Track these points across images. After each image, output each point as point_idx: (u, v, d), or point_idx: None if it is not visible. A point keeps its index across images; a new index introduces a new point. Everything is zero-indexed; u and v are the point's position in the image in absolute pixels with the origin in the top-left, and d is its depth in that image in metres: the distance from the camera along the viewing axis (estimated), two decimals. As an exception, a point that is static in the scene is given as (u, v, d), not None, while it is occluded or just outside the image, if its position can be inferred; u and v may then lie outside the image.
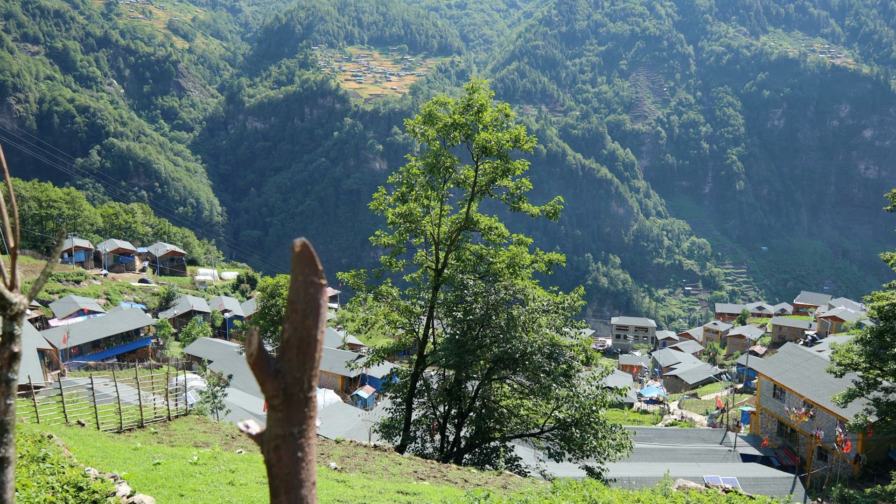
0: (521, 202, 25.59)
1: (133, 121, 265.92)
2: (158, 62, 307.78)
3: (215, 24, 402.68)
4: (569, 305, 24.61)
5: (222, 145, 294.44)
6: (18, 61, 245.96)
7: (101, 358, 67.84)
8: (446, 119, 24.44)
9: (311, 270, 1.10)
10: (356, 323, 30.08)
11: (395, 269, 28.69)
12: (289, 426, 1.08)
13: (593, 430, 22.06)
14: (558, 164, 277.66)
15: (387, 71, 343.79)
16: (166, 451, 12.98)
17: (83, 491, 6.63)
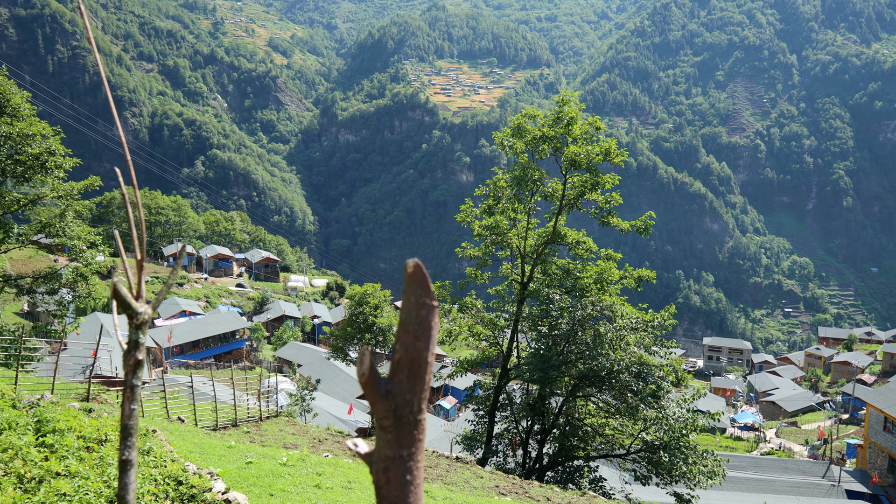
0: (611, 217, 25.05)
1: (234, 133, 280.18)
2: (259, 77, 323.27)
3: (312, 41, 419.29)
4: (659, 324, 23.82)
5: (316, 157, 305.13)
6: (134, 78, 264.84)
7: (200, 357, 71.44)
8: (535, 132, 24.31)
9: (423, 292, 1.10)
10: (440, 334, 30.30)
11: (481, 281, 28.72)
12: (398, 448, 1.08)
13: (683, 455, 21.18)
14: (649, 177, 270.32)
15: (475, 84, 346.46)
16: (258, 450, 13.48)
17: (182, 485, 6.97)
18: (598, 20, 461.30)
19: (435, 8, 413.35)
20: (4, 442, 6.93)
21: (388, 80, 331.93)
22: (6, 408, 7.93)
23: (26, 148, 25.90)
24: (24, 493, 6.14)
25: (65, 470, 6.66)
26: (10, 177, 26.65)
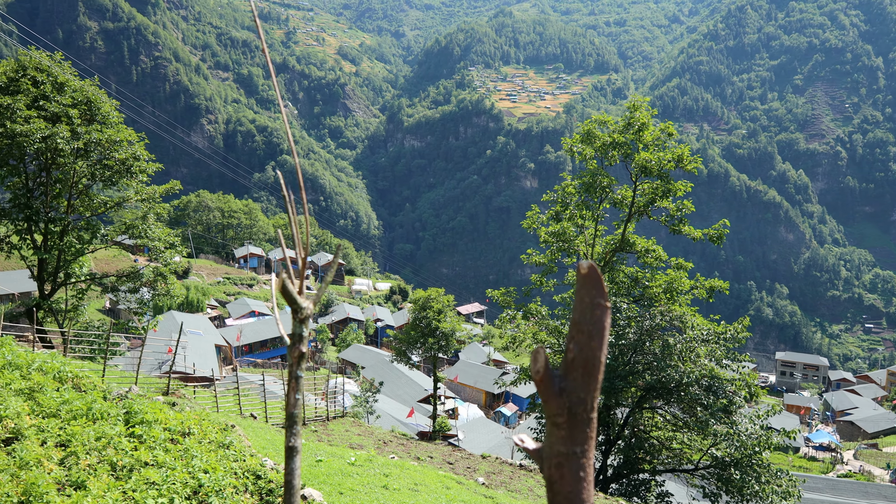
0: (682, 225, 24.44)
1: (304, 139, 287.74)
2: (328, 85, 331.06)
3: (380, 49, 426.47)
4: (731, 336, 23.05)
5: (381, 162, 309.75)
6: (211, 86, 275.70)
7: (268, 357, 73.47)
8: (605, 138, 23.99)
9: (597, 293, 1.12)
10: (504, 340, 30.24)
11: (546, 288, 28.52)
12: (572, 445, 1.11)
13: (755, 473, 20.40)
14: (720, 185, 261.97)
15: (541, 90, 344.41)
16: (326, 449, 13.78)
17: (261, 479, 7.22)
18: (669, 24, 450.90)
19: (502, 14, 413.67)
20: (98, 431, 7.35)
21: (453, 86, 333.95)
22: (98, 399, 8.40)
23: (114, 153, 27.34)
24: (116, 481, 6.50)
25: (153, 460, 7.00)
26: (99, 180, 28.18)
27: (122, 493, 6.19)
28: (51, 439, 7.12)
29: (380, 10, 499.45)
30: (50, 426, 7.32)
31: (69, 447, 6.96)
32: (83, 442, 7.02)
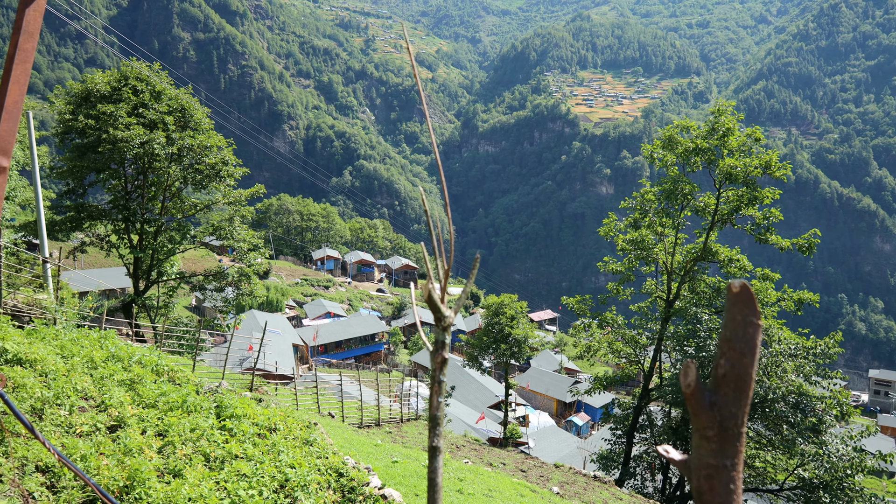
0: (769, 234, 23.44)
1: (380, 145, 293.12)
2: (405, 91, 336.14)
3: (456, 55, 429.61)
4: (821, 352, 21.90)
5: (456, 167, 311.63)
6: (293, 93, 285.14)
7: (342, 357, 75.12)
8: (687, 144, 23.33)
9: (750, 311, 1.19)
10: (578, 348, 29.81)
11: (622, 296, 27.96)
12: (722, 458, 1.17)
13: (846, 498, 19.31)
14: (808, 192, 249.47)
15: (619, 94, 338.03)
16: (401, 450, 13.99)
17: (343, 477, 7.43)
18: (756, 24, 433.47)
19: (580, 18, 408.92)
20: (193, 423, 7.76)
21: (529, 91, 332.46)
22: (192, 392, 8.86)
23: (205, 158, 28.73)
24: (210, 471, 6.84)
25: (242, 453, 7.33)
26: (191, 184, 29.67)
27: (216, 483, 6.52)
28: (150, 429, 7.57)
29: (457, 16, 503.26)
30: (149, 416, 7.78)
31: (166, 437, 7.38)
32: (179, 432, 7.43)
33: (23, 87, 1.60)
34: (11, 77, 1.59)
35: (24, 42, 1.59)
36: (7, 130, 1.60)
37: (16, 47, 1.59)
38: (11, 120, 1.61)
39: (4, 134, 1.60)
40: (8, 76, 1.60)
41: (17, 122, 1.61)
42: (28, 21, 1.62)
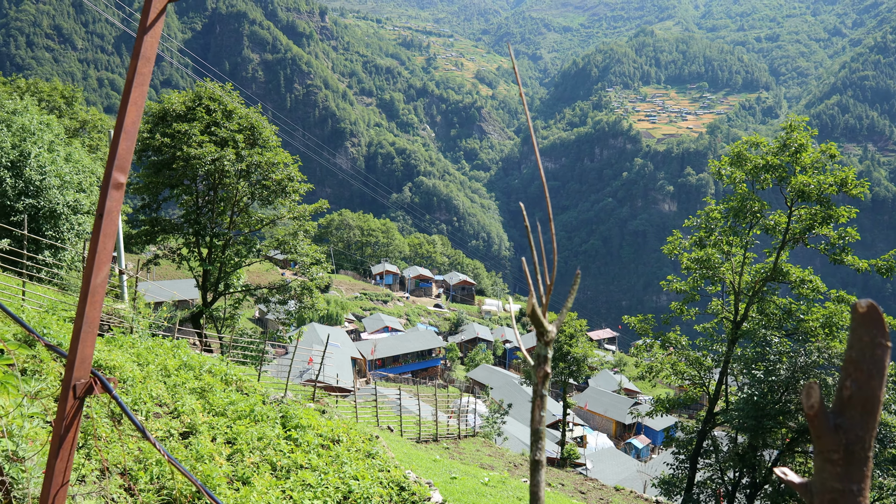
0: (845, 254, 22.44)
1: (440, 161, 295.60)
2: (465, 108, 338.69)
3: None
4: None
5: (514, 184, 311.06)
6: (356, 111, 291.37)
7: (399, 372, 75.58)
8: (757, 160, 22.64)
9: (878, 332, 1.20)
10: (639, 369, 29.18)
11: (686, 317, 27.21)
12: (848, 482, 1.13)
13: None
14: (887, 210, 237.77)
15: (683, 110, 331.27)
16: (459, 467, 13.95)
17: (405, 491, 7.47)
18: (829, 37, 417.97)
19: (643, 34, 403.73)
20: (260, 432, 7.96)
21: (590, 107, 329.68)
22: (259, 402, 9.09)
23: (272, 174, 29.63)
24: (276, 480, 7.00)
25: (307, 463, 7.47)
26: (258, 199, 30.63)
27: (282, 492, 6.66)
28: (220, 436, 7.81)
29: (518, 34, 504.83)
30: (219, 424, 8.03)
31: (235, 445, 7.59)
32: (247, 441, 7.63)
33: (139, 109, 1.71)
34: (130, 99, 1.70)
35: (142, 66, 1.70)
36: (126, 149, 1.70)
37: (134, 71, 1.70)
38: (129, 139, 1.71)
39: (123, 153, 1.70)
40: (127, 98, 1.71)
41: (133, 141, 1.72)
42: (146, 47, 1.72)
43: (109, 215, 1.68)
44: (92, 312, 1.65)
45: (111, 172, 1.68)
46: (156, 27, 1.77)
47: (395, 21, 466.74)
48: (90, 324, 1.65)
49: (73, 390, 1.62)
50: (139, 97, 1.74)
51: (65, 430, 1.64)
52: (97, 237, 1.67)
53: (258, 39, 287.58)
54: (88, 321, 1.65)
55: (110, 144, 1.67)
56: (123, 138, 1.68)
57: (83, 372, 1.64)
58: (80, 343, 1.63)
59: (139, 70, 1.73)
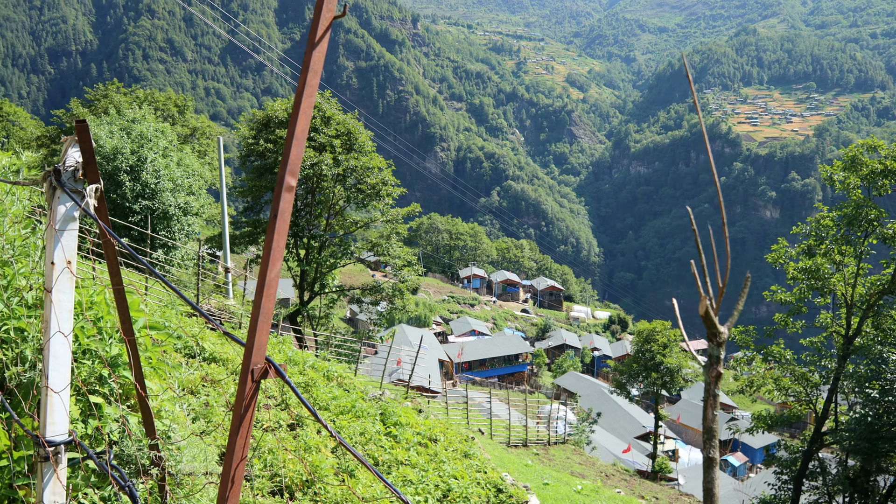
0: (975, 266, 20.63)
1: (528, 165, 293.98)
2: (555, 112, 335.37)
3: (609, 75, 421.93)
4: None
5: (605, 189, 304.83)
6: (446, 116, 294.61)
7: (486, 376, 75.62)
8: (874, 165, 21.19)
9: None
10: (738, 382, 27.94)
11: (791, 329, 25.80)
12: None
13: None
14: None
15: (787, 111, 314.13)
16: (551, 473, 13.85)
17: (502, 493, 7.53)
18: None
19: (744, 32, 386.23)
20: (361, 427, 8.22)
21: (685, 110, 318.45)
22: (359, 398, 9.39)
23: (367, 178, 30.47)
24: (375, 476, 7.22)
25: (407, 459, 7.66)
26: (353, 203, 31.58)
27: (384, 487, 6.87)
28: (323, 430, 8.14)
29: (610, 35, 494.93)
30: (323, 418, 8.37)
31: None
32: (350, 435, 7.91)
33: (308, 118, 1.85)
34: (300, 109, 1.84)
35: (310, 79, 1.83)
36: (296, 155, 1.84)
37: (304, 83, 1.84)
38: (299, 146, 1.86)
39: (294, 158, 1.84)
40: (297, 107, 1.85)
41: (303, 147, 1.86)
42: (314, 61, 1.86)
43: (282, 216, 1.84)
44: (267, 304, 1.81)
45: (284, 176, 1.83)
46: (322, 43, 1.91)
47: (485, 26, 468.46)
48: (265, 314, 1.81)
49: (251, 374, 1.78)
50: (308, 107, 1.88)
51: (244, 409, 1.80)
52: (272, 235, 1.83)
53: (353, 47, 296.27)
54: (264, 312, 1.80)
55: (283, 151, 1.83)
56: (294, 145, 1.83)
57: (259, 358, 1.80)
58: (257, 331, 1.79)
59: (308, 82, 1.87)
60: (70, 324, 2.22)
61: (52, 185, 2.20)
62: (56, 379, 2.21)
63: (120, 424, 2.98)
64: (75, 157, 2.22)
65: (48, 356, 2.21)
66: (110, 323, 3.33)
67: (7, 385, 2.80)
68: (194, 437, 3.52)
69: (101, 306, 3.35)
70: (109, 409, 3.00)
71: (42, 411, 2.25)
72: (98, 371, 3.06)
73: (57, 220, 2.19)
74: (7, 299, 3.07)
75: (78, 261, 2.39)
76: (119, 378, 3.17)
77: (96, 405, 2.98)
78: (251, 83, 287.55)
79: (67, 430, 2.25)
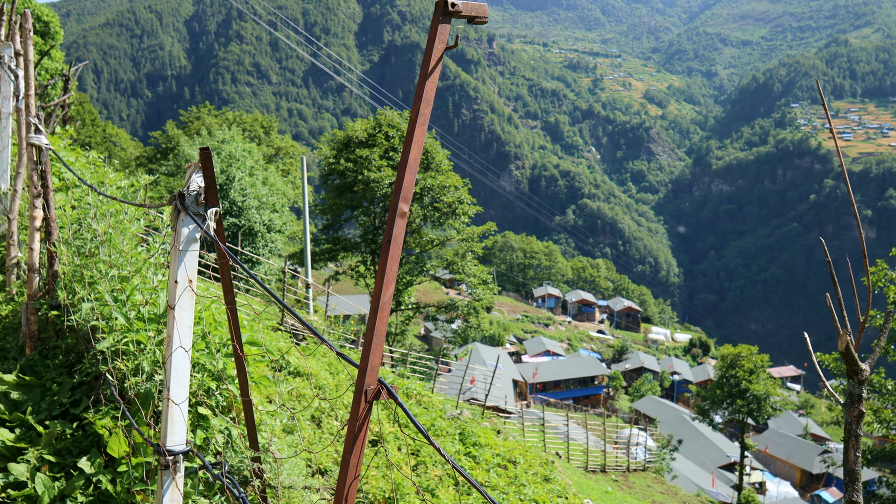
0: None
1: (605, 183, 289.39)
2: (632, 129, 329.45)
3: (689, 90, 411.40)
4: None
5: (685, 207, 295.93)
6: (520, 134, 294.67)
7: (560, 397, 74.35)
8: None
9: None
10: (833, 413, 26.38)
11: (893, 357, 24.19)
12: None
13: None
14: None
15: (884, 125, 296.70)
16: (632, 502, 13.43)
17: (584, 519, 7.36)
18: None
19: (835, 44, 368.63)
20: (441, 446, 8.25)
21: (771, 125, 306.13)
22: (438, 417, 9.43)
23: (443, 197, 30.81)
24: (458, 495, 7.22)
25: (487, 481, 7.62)
26: (429, 221, 31.98)
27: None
28: (404, 447, 8.20)
29: (691, 50, 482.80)
30: (402, 435, 8.44)
31: (419, 457, 7.94)
32: (430, 453, 7.94)
33: (420, 146, 1.90)
34: (413, 137, 1.89)
35: (423, 108, 1.89)
36: (409, 182, 1.89)
37: (417, 113, 1.89)
38: (412, 173, 1.91)
39: (407, 185, 1.89)
40: (410, 136, 1.90)
41: (415, 174, 1.91)
42: (426, 90, 1.91)
43: (395, 241, 1.89)
44: (380, 326, 1.86)
45: (397, 202, 1.89)
46: (434, 73, 1.97)
47: (561, 44, 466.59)
48: (378, 336, 1.86)
49: (364, 394, 1.83)
50: (420, 135, 1.94)
51: (357, 429, 1.85)
52: (385, 260, 1.88)
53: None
54: (377, 334, 1.86)
55: (396, 178, 1.89)
56: (407, 172, 1.88)
57: (372, 379, 1.85)
58: (371, 353, 1.85)
59: (421, 111, 1.93)
60: (190, 339, 2.35)
61: (176, 208, 2.34)
62: (177, 391, 2.34)
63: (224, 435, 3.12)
64: (198, 182, 2.36)
65: (170, 369, 2.34)
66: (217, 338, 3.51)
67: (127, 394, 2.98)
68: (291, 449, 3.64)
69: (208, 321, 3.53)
70: (215, 420, 3.14)
71: (163, 421, 2.38)
72: (206, 384, 3.22)
73: (181, 242, 2.34)
74: (126, 313, 3.29)
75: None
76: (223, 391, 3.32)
77: (203, 416, 3.13)
78: (331, 104, 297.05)
79: (185, 440, 2.38)
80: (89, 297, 3.43)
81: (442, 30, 2.02)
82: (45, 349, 3.78)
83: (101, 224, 3.86)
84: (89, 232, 3.94)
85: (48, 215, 3.80)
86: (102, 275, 3.58)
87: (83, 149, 9.28)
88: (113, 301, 3.35)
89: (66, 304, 3.65)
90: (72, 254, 3.86)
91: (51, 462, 2.88)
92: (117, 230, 3.92)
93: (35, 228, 3.93)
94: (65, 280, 3.78)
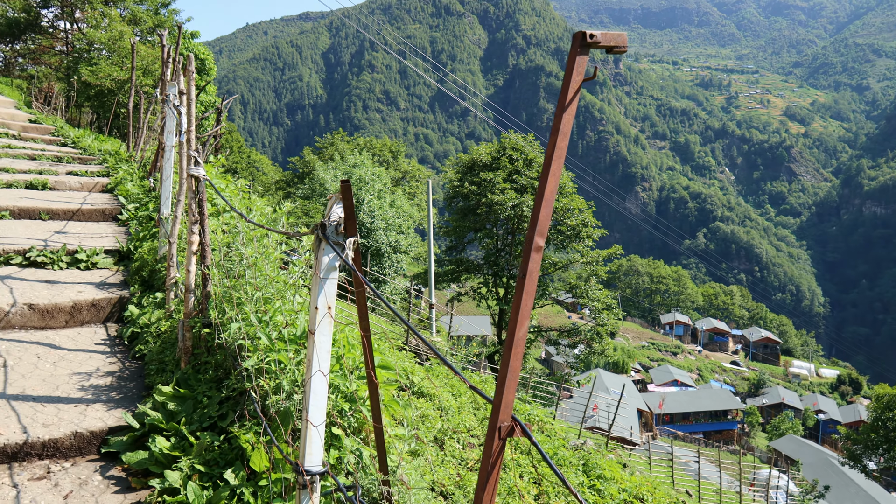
0: None
1: (739, 206, 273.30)
2: (771, 148, 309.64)
3: (836, 106, 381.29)
4: None
5: (831, 231, 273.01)
6: (647, 155, 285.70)
7: (689, 430, 70.40)
8: None
9: None
10: None
11: None
12: None
13: None
14: None
15: None
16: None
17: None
18: None
19: None
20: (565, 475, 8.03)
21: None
22: (561, 446, 9.20)
23: (567, 220, 30.40)
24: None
25: (613, 517, 7.32)
26: (552, 244, 31.63)
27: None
28: (526, 475, 8.07)
29: (838, 63, 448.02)
30: (524, 462, 8.31)
31: (541, 486, 7.77)
32: (553, 482, 7.76)
33: (557, 179, 1.87)
34: (550, 171, 1.87)
35: (560, 141, 1.86)
36: (545, 215, 1.87)
37: (554, 146, 1.87)
38: (548, 206, 1.88)
39: (543, 218, 1.87)
40: (547, 170, 1.88)
41: (551, 208, 1.88)
42: (563, 123, 1.88)
43: (531, 276, 1.87)
44: (514, 362, 1.84)
45: (532, 236, 1.87)
46: (572, 105, 1.94)
47: (692, 62, 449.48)
48: (513, 372, 1.84)
49: (498, 431, 1.82)
50: (557, 168, 1.91)
51: (491, 466, 1.84)
52: (520, 295, 1.86)
53: (553, 90, 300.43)
54: (512, 370, 1.84)
55: (532, 210, 1.87)
56: (543, 205, 1.86)
57: (506, 416, 1.83)
58: (505, 389, 1.83)
59: (558, 144, 1.91)
60: (328, 364, 2.45)
61: (318, 237, 2.46)
62: (315, 413, 2.44)
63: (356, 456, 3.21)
64: (338, 213, 2.47)
65: (309, 392, 2.45)
66: (351, 360, 3.64)
67: (269, 411, 3.16)
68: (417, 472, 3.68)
69: (342, 344, 3.68)
70: (347, 440, 3.25)
71: (301, 442, 2.49)
72: (340, 405, 3.34)
73: (321, 269, 2.45)
74: (269, 334, 3.50)
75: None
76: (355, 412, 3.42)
77: (336, 436, 3.25)
78: (456, 128, 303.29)
79: (321, 461, 2.47)
80: (237, 318, 3.69)
81: (580, 62, 1.99)
82: (197, 364, 4.10)
83: (248, 248, 4.15)
84: (237, 255, 4.25)
85: (203, 240, 4.15)
86: (248, 296, 3.85)
87: (231, 175, 10.07)
88: (257, 322, 3.58)
89: (217, 323, 3.95)
90: (222, 276, 4.18)
91: (200, 472, 3.10)
92: (262, 254, 4.20)
93: (192, 252, 4.30)
94: (216, 300, 4.09)
